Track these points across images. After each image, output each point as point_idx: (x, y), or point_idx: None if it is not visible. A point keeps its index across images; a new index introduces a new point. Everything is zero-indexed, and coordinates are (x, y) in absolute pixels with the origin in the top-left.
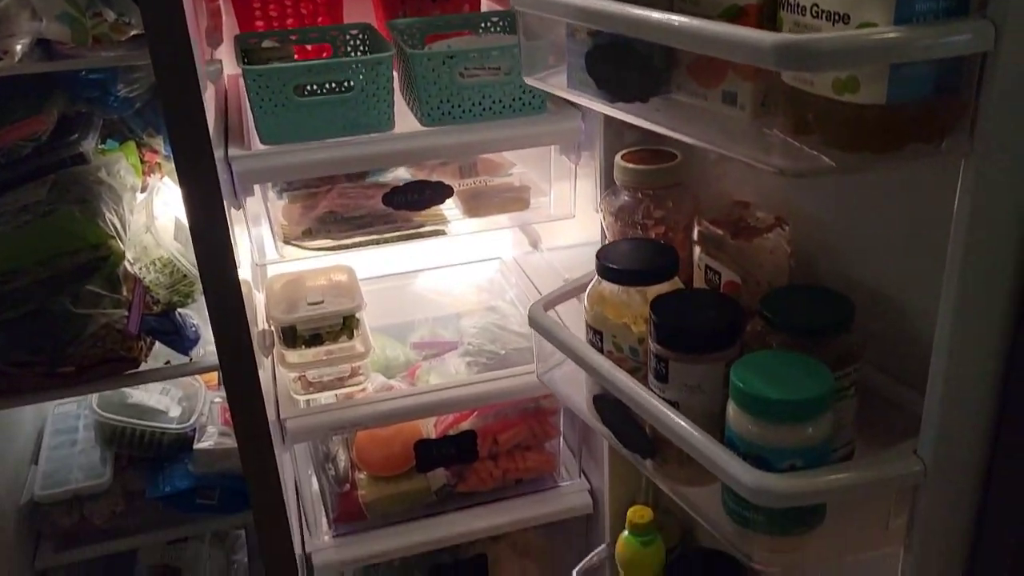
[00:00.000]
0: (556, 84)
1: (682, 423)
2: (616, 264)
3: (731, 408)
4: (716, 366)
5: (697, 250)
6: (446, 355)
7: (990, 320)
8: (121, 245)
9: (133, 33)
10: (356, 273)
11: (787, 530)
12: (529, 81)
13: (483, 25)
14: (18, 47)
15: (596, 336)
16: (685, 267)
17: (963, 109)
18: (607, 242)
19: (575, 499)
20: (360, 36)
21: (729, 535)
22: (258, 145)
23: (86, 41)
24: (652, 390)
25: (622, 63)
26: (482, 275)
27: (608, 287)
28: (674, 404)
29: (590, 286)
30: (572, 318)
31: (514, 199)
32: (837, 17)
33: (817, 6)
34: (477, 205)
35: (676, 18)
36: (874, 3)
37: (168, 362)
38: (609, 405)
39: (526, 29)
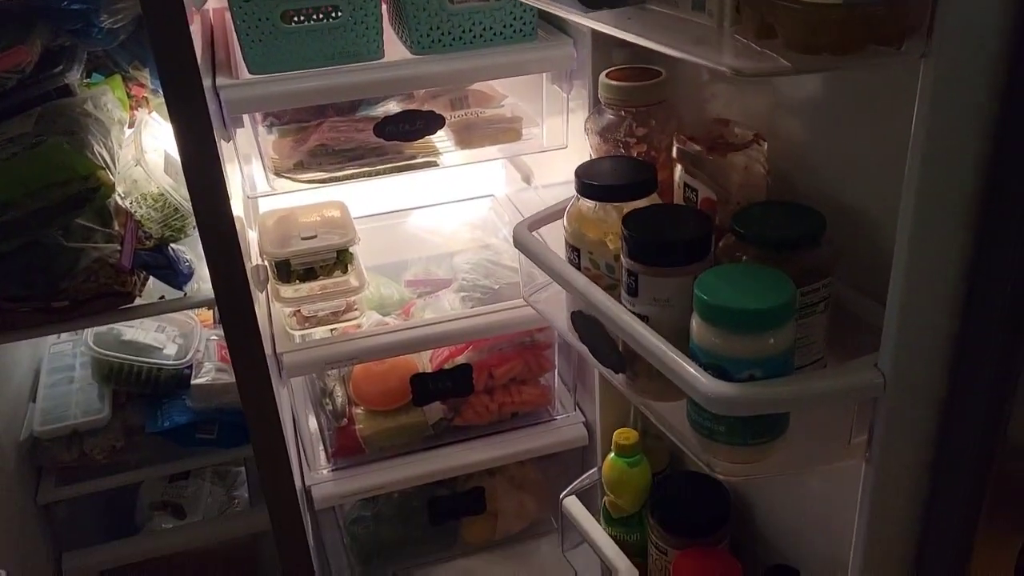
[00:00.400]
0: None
1: (646, 333)
2: (593, 180)
3: (694, 319)
4: (685, 280)
5: (678, 168)
6: (440, 292)
7: (949, 227)
8: (111, 177)
9: None
10: (349, 209)
11: (748, 441)
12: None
13: None
14: None
15: (574, 253)
16: (668, 188)
17: (922, 9)
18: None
19: (570, 432)
20: None
21: (693, 446)
22: (246, 75)
23: None
24: (624, 305)
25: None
26: (475, 213)
27: (586, 204)
28: (644, 318)
29: (570, 204)
30: (559, 243)
31: (506, 130)
32: None
33: None
34: (469, 136)
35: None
36: None
37: (163, 297)
38: (585, 321)
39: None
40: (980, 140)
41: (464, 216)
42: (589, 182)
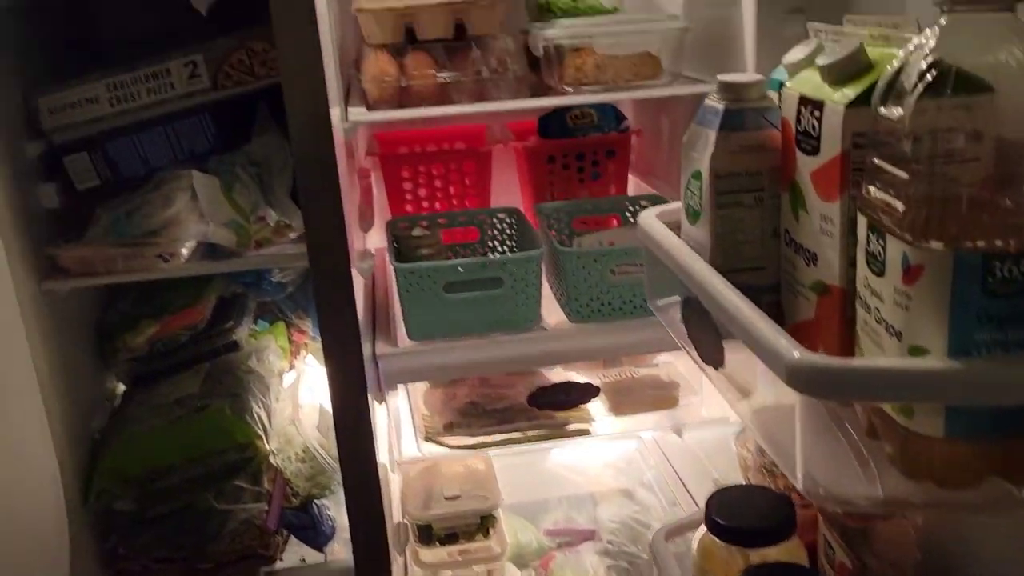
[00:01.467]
0: (671, 319)
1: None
2: (720, 516)
3: None
4: None
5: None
6: (581, 546)
7: None
8: (267, 445)
9: (293, 236)
10: (493, 462)
11: None
12: (651, 306)
13: (630, 209)
14: (184, 251)
15: None
16: (813, 524)
17: None
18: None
19: None
20: (507, 220)
21: None
22: (405, 339)
23: (248, 244)
24: None
25: (701, 321)
26: (619, 452)
27: (712, 537)
28: None
29: (700, 530)
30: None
31: (662, 396)
32: (892, 331)
33: (879, 311)
34: (622, 401)
35: (729, 294)
36: (928, 325)
37: (303, 560)
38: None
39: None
40: None
41: (608, 455)
42: (715, 519)
